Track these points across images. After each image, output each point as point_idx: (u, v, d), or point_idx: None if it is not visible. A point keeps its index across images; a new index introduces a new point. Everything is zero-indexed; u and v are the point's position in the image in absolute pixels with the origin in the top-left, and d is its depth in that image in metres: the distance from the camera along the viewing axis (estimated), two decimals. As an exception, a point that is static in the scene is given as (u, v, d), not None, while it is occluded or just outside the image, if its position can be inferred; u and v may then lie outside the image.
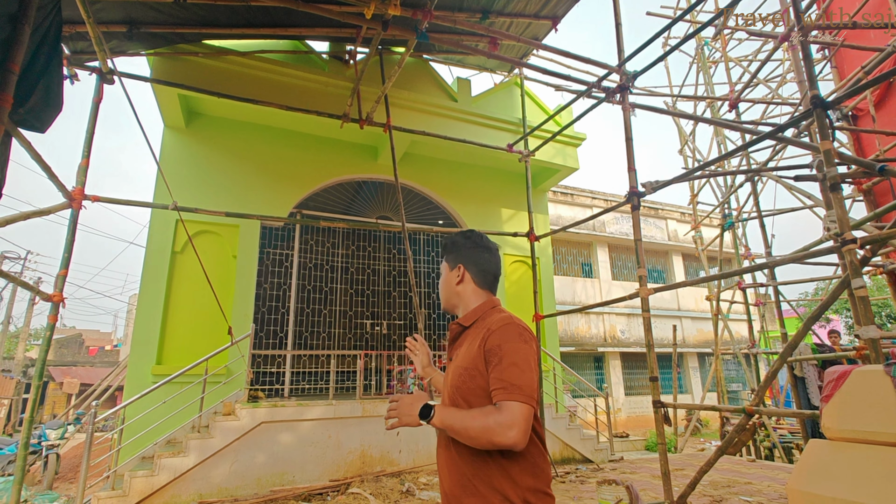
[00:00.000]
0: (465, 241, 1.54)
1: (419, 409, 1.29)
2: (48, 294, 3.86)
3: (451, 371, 1.41)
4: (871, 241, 3.28)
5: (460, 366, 1.36)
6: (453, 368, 1.40)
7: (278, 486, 5.34)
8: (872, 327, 2.87)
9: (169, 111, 6.38)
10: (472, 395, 1.29)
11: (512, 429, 1.15)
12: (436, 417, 1.27)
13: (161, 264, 6.20)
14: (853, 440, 2.04)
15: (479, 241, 1.54)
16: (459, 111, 7.83)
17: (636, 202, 4.69)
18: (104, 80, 4.72)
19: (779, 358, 3.62)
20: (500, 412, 1.18)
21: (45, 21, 3.24)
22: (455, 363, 1.40)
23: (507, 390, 1.20)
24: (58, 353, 23.13)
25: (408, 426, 1.33)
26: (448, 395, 1.38)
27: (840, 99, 3.43)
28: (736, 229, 8.52)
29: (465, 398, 1.31)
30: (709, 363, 15.44)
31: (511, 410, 1.17)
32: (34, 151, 3.40)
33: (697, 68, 9.08)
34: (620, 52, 5.12)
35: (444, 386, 1.45)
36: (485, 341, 1.30)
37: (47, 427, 7.98)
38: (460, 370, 1.34)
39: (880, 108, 5.99)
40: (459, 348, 1.44)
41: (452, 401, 1.35)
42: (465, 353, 1.37)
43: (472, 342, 1.37)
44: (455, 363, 1.40)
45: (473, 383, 1.30)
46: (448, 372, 1.44)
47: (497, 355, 1.26)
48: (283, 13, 5.51)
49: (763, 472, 5.74)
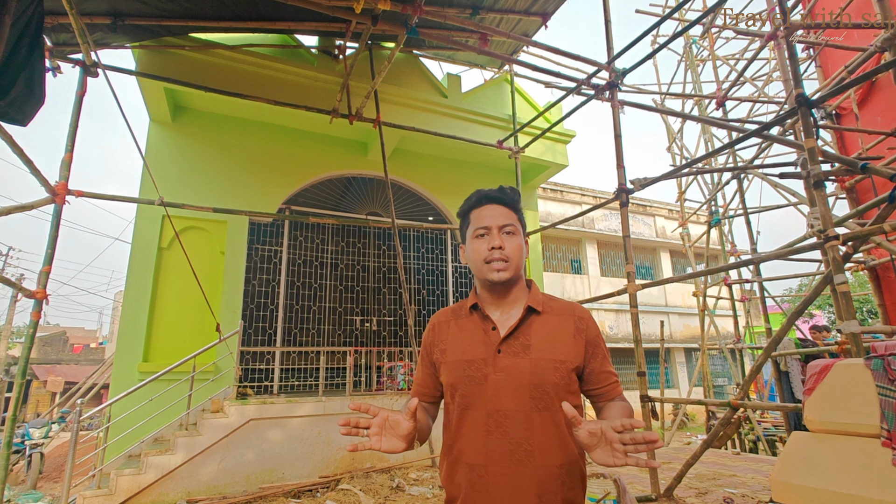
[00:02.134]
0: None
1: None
2: (31, 291, 3.79)
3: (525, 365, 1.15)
4: (854, 237, 3.34)
5: (552, 358, 1.15)
6: (534, 362, 1.15)
7: (267, 483, 5.31)
8: (854, 322, 2.93)
9: (155, 105, 6.28)
10: (567, 392, 1.15)
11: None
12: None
13: (147, 260, 6.12)
14: (835, 432, 2.09)
15: None
16: (449, 107, 7.81)
17: (625, 199, 4.73)
18: (88, 72, 4.63)
19: (763, 352, 3.69)
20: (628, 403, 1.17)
21: (25, 12, 3.18)
22: (534, 355, 1.16)
23: (619, 383, 1.22)
24: (41, 351, 22.76)
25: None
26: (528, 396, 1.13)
27: (824, 98, 3.49)
28: (722, 226, 8.62)
29: (560, 397, 1.13)
30: (695, 358, 15.66)
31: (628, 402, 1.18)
32: (16, 145, 3.34)
33: (685, 66, 9.15)
34: (610, 50, 5.15)
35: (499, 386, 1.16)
36: (583, 332, 1.20)
37: (31, 426, 7.86)
38: (554, 363, 1.15)
39: (863, 106, 6.10)
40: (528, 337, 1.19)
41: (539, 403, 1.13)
42: (551, 342, 1.18)
43: (555, 330, 1.20)
44: (534, 355, 1.16)
45: (570, 378, 1.16)
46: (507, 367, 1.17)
47: (600, 347, 1.21)
48: (271, 6, 5.45)
49: (747, 464, 5.85)
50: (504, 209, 1.26)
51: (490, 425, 1.13)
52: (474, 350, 1.21)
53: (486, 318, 1.25)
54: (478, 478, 1.12)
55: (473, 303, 1.28)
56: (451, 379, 1.23)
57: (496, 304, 1.26)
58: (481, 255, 1.24)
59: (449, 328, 1.31)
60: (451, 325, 1.31)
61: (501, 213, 1.26)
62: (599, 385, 1.19)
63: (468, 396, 1.18)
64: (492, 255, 1.22)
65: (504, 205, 1.27)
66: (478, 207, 1.29)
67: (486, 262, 1.22)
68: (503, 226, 1.24)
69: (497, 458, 1.11)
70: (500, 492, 1.09)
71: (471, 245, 1.28)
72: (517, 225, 1.26)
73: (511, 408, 1.13)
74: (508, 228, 1.24)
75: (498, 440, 1.12)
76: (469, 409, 1.17)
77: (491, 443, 1.12)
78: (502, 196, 1.28)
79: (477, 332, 1.24)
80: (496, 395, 1.15)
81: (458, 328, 1.29)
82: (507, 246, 1.22)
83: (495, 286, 1.24)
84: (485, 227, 1.25)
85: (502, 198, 1.28)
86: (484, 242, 1.24)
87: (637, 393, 4.54)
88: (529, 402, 1.12)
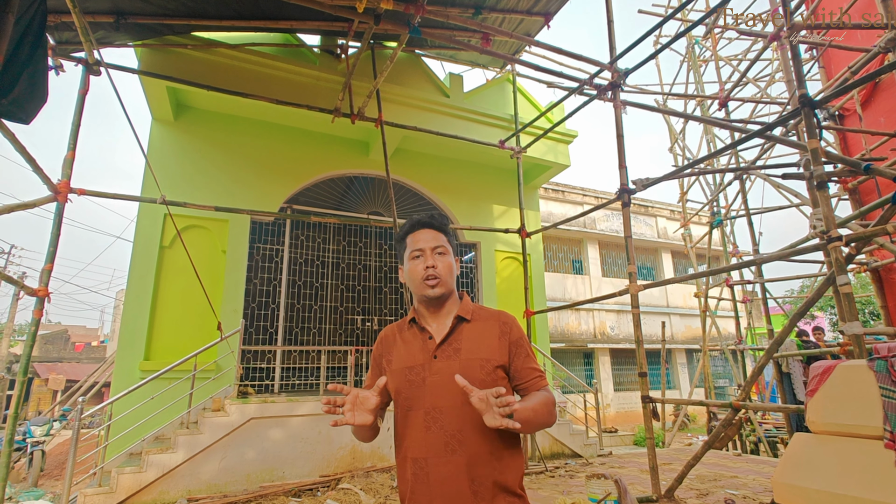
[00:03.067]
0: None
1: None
2: (33, 289, 3.80)
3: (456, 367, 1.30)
4: (856, 238, 3.33)
5: (478, 358, 1.32)
6: (463, 363, 1.31)
7: (268, 482, 5.32)
8: (857, 323, 2.92)
9: (157, 104, 6.29)
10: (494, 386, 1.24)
11: (554, 409, 1.30)
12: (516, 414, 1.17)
13: (149, 259, 6.13)
14: (837, 433, 2.08)
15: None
16: (451, 107, 7.81)
17: (627, 199, 4.72)
18: (90, 71, 4.64)
19: (765, 354, 3.68)
20: (548, 396, 1.30)
21: (29, 10, 3.18)
22: (463, 357, 1.32)
23: (542, 378, 1.36)
24: (43, 350, 22.81)
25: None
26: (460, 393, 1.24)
27: (827, 98, 3.48)
28: (724, 227, 8.61)
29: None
30: (696, 359, 15.63)
31: (551, 394, 1.33)
32: (18, 143, 3.34)
33: (688, 67, 9.14)
34: (612, 50, 5.14)
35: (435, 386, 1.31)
36: (506, 334, 1.37)
37: (32, 424, 7.87)
38: (480, 362, 1.31)
39: (866, 107, 6.08)
40: (459, 342, 1.35)
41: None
42: (478, 345, 1.34)
43: (482, 334, 1.37)
44: (463, 357, 1.32)
45: (496, 374, 1.32)
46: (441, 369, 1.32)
47: (523, 347, 1.37)
48: (273, 5, 5.46)
49: (749, 466, 5.84)
50: (435, 233, 1.43)
51: (428, 421, 1.28)
52: (413, 358, 1.38)
53: (423, 330, 1.41)
54: (420, 469, 1.27)
55: (412, 318, 1.44)
56: (395, 384, 1.37)
57: (432, 316, 1.42)
58: (418, 274, 1.40)
59: (395, 341, 1.45)
60: (396, 339, 1.46)
61: (433, 236, 1.42)
62: (524, 380, 1.35)
63: (410, 399, 1.33)
64: (426, 273, 1.38)
65: (434, 229, 1.44)
66: (412, 232, 1.45)
67: (422, 280, 1.38)
68: (435, 247, 1.41)
69: (435, 450, 1.26)
70: (438, 479, 1.24)
71: (408, 266, 1.44)
72: (447, 246, 1.43)
73: (446, 404, 1.28)
74: (440, 249, 1.42)
75: (435, 434, 1.27)
76: (411, 409, 1.33)
77: (429, 437, 1.27)
78: (432, 222, 1.45)
79: (416, 342, 1.40)
80: (433, 394, 1.30)
81: (402, 340, 1.44)
82: (439, 265, 1.39)
83: (431, 301, 1.40)
84: (419, 249, 1.41)
85: (432, 223, 1.45)
86: (420, 263, 1.40)
87: (638, 394, 4.53)
88: (461, 398, 1.22)
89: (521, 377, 1.35)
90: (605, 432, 10.03)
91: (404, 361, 1.39)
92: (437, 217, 1.48)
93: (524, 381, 1.35)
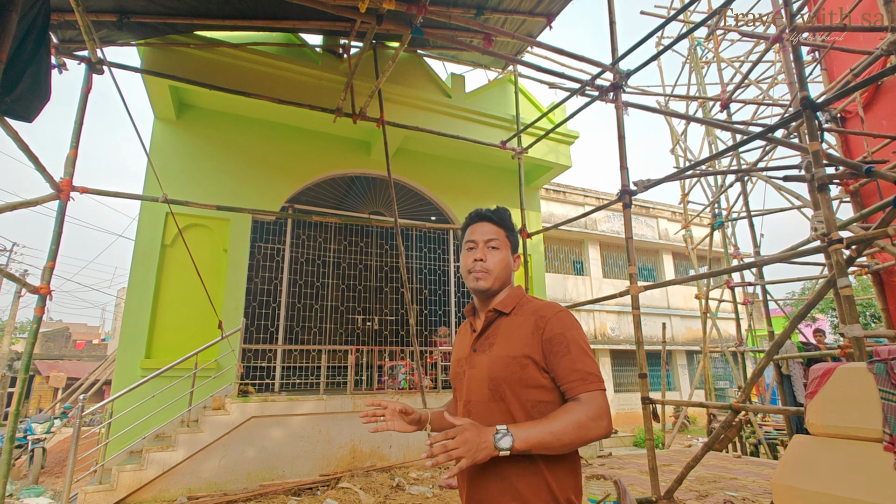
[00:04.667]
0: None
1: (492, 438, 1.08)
2: (35, 286, 3.81)
3: (485, 362, 1.29)
4: (857, 241, 3.33)
5: (506, 355, 1.25)
6: (492, 359, 1.28)
7: (268, 480, 5.33)
8: (857, 326, 2.92)
9: (159, 103, 6.30)
10: (523, 385, 1.22)
11: (603, 419, 1.13)
12: (518, 441, 1.08)
13: (150, 257, 6.14)
14: (837, 436, 2.08)
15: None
16: (453, 107, 7.81)
17: (628, 200, 4.72)
18: (93, 69, 4.65)
19: (765, 356, 3.68)
20: (586, 406, 1.14)
21: (32, 9, 3.19)
22: (493, 353, 1.28)
23: (585, 380, 1.17)
24: (44, 347, 22.86)
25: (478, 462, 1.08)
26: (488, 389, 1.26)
27: (829, 101, 3.48)
28: (725, 229, 8.60)
29: (513, 389, 1.22)
30: (697, 361, 15.62)
31: (596, 400, 1.15)
32: (21, 141, 3.35)
33: (690, 68, 9.14)
34: (614, 51, 5.14)
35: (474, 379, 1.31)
36: (541, 329, 1.24)
37: (33, 421, 7.88)
38: (506, 359, 1.24)
39: (868, 110, 6.07)
40: (494, 337, 1.32)
41: (496, 394, 1.24)
42: (510, 341, 1.27)
43: (516, 329, 1.28)
44: (493, 353, 1.28)
45: (525, 373, 1.22)
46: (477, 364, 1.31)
47: (562, 344, 1.21)
48: (276, 5, 5.47)
49: (748, 467, 5.83)
50: (493, 227, 1.41)
51: (465, 413, 1.31)
52: (462, 350, 1.41)
53: (472, 323, 1.43)
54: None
55: (470, 309, 1.47)
56: (451, 374, 1.46)
57: (481, 309, 1.41)
58: (466, 265, 1.40)
59: (460, 332, 1.53)
60: (461, 330, 1.52)
61: (490, 229, 1.40)
62: (562, 382, 1.21)
63: (455, 389, 1.41)
64: (474, 266, 1.37)
65: (493, 223, 1.41)
66: (472, 224, 1.44)
67: (469, 272, 1.38)
68: (489, 240, 1.38)
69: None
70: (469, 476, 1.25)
71: (462, 257, 1.44)
72: (503, 241, 1.40)
73: (476, 398, 1.29)
74: (493, 243, 1.38)
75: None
76: (456, 400, 1.41)
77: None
78: (492, 215, 1.43)
79: (467, 334, 1.44)
80: (469, 387, 1.32)
81: (461, 332, 1.50)
82: (490, 259, 1.37)
83: (478, 294, 1.39)
84: (473, 241, 1.40)
85: (491, 216, 1.42)
86: (471, 255, 1.39)
87: (638, 395, 4.53)
88: (488, 394, 1.25)
89: (561, 379, 1.21)
90: (605, 433, 10.00)
91: (457, 353, 1.44)
92: (500, 211, 1.44)
93: (563, 384, 1.21)
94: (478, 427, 1.10)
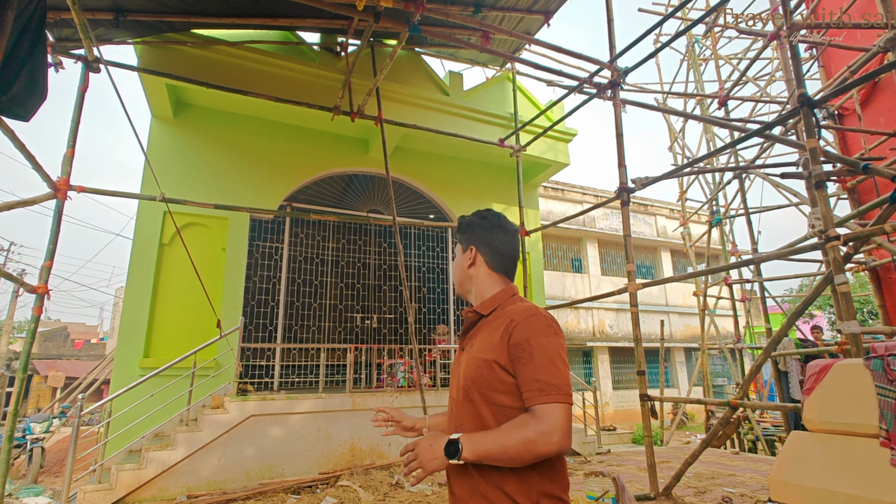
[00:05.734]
0: (480, 220, 1.41)
1: (443, 449, 1.13)
2: (33, 286, 3.80)
3: (464, 362, 1.30)
4: (854, 238, 3.35)
5: (477, 356, 1.24)
6: (468, 359, 1.28)
7: (267, 479, 5.33)
8: (854, 322, 2.93)
9: (157, 101, 6.28)
10: (490, 388, 1.19)
11: (555, 434, 1.06)
12: (466, 451, 1.10)
13: (148, 256, 6.13)
14: (833, 432, 2.09)
15: (494, 221, 1.40)
16: (451, 105, 7.80)
17: (626, 198, 4.73)
18: (90, 68, 4.63)
19: (763, 352, 3.69)
20: (538, 420, 1.08)
21: (28, 7, 3.18)
22: (470, 353, 1.28)
23: (543, 392, 1.10)
24: (42, 347, 22.82)
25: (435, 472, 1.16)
26: (461, 389, 1.27)
27: (827, 98, 3.49)
28: (723, 226, 8.62)
29: (481, 392, 1.21)
30: (695, 358, 15.66)
31: (551, 414, 1.08)
32: (18, 140, 3.34)
33: (688, 66, 9.14)
34: (612, 49, 5.14)
35: (455, 378, 1.35)
36: (509, 334, 1.18)
37: (32, 420, 7.87)
38: (478, 361, 1.23)
39: (866, 107, 6.09)
40: (475, 338, 1.32)
41: (466, 395, 1.25)
42: (484, 342, 1.25)
43: (491, 332, 1.25)
44: (470, 353, 1.28)
45: (493, 376, 1.19)
46: (461, 363, 1.34)
47: (526, 351, 1.14)
48: (273, 3, 5.45)
49: (746, 464, 5.86)
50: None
51: (449, 411, 1.39)
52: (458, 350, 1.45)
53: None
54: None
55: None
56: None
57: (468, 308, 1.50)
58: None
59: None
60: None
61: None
62: (522, 391, 1.15)
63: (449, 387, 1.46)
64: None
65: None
66: None
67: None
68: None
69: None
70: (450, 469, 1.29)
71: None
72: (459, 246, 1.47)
73: (454, 396, 1.34)
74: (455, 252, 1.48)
75: (450, 422, 1.36)
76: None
77: (448, 424, 1.38)
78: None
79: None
80: (452, 385, 1.39)
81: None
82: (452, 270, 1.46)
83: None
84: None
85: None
86: None
87: (637, 392, 4.55)
88: (462, 394, 1.28)
89: (521, 388, 1.15)
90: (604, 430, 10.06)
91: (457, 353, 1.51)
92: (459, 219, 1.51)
93: (523, 393, 1.15)
94: (434, 437, 1.19)
